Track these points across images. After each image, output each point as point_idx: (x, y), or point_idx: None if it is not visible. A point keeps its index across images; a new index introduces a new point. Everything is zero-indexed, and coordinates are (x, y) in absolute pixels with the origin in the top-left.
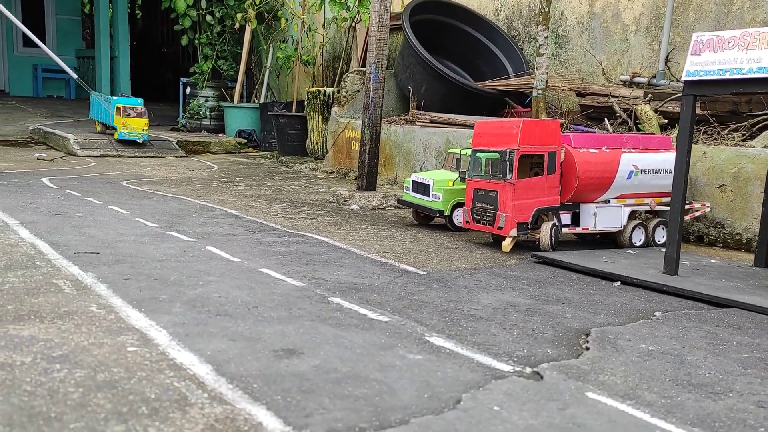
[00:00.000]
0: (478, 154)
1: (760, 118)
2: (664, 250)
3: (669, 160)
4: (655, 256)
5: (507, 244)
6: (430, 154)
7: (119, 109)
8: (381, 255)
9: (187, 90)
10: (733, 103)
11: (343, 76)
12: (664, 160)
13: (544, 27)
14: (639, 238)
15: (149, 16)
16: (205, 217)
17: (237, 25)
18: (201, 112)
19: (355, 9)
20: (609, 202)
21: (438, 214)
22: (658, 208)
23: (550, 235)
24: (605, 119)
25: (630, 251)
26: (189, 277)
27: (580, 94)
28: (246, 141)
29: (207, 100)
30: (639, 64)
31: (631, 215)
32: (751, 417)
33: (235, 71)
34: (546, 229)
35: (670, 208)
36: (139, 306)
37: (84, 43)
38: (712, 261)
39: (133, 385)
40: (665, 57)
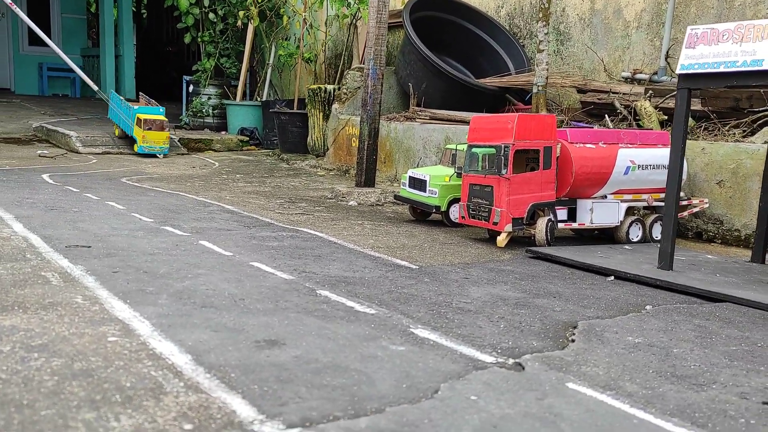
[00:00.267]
0: (474, 150)
1: (761, 114)
2: None
3: (667, 155)
4: (651, 251)
5: (502, 240)
6: (429, 150)
7: (140, 120)
8: (374, 250)
9: (190, 88)
10: (734, 99)
11: (343, 73)
12: (662, 155)
13: (545, 23)
14: (636, 234)
15: (154, 15)
16: (201, 212)
17: (239, 23)
18: (203, 110)
19: (355, 6)
20: (606, 197)
21: (434, 210)
22: (655, 204)
23: (546, 231)
24: (606, 116)
25: (626, 247)
26: (178, 270)
27: (581, 91)
28: (248, 139)
29: (210, 98)
30: (640, 61)
31: (628, 211)
32: (732, 408)
33: (237, 69)
34: (541, 224)
35: (664, 203)
36: (124, 298)
37: (90, 42)
38: (709, 257)
39: (109, 373)
40: (666, 53)
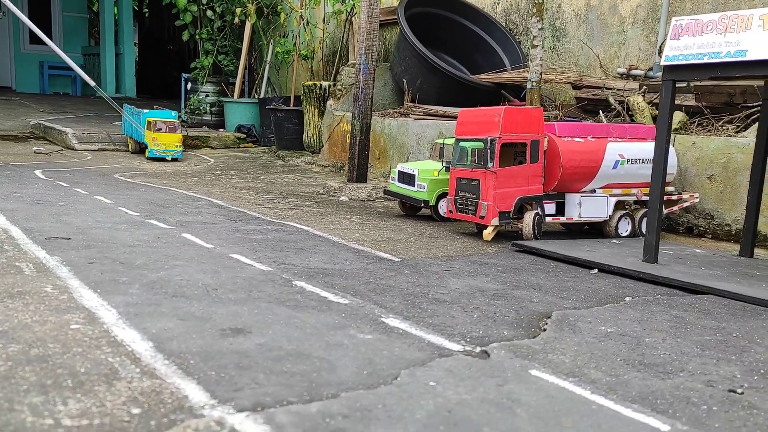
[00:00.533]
0: (462, 143)
1: (754, 110)
2: None
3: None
4: (639, 245)
5: (488, 233)
6: (423, 146)
7: (150, 123)
8: (359, 243)
9: (188, 85)
10: (727, 95)
11: (339, 70)
12: (652, 149)
13: (538, 19)
14: (625, 228)
15: (155, 14)
16: (189, 206)
17: (236, 20)
18: (201, 108)
19: (350, 1)
20: (595, 191)
21: (423, 204)
22: (645, 198)
23: (533, 225)
24: (600, 111)
25: (614, 241)
26: (156, 262)
27: (576, 87)
28: (245, 136)
29: (207, 96)
30: (636, 57)
31: (618, 205)
32: (696, 395)
33: (235, 66)
34: (529, 218)
35: (649, 196)
36: (95, 287)
37: (92, 41)
38: (697, 251)
39: (65, 360)
40: (661, 49)
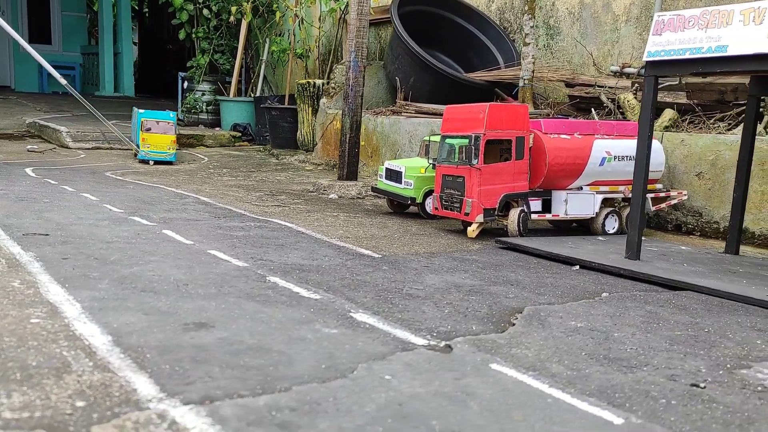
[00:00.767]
0: (447, 140)
1: (745, 107)
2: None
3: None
4: (623, 242)
5: (472, 230)
6: (415, 144)
7: (143, 123)
8: (342, 240)
9: (185, 84)
10: (719, 92)
11: (333, 68)
12: None
13: (530, 16)
14: (612, 225)
15: (155, 14)
16: (175, 204)
17: (232, 19)
18: (197, 106)
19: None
20: (581, 188)
21: (410, 202)
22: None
23: (518, 222)
24: (592, 109)
25: (600, 238)
26: (131, 257)
27: (569, 85)
28: (241, 134)
29: (204, 94)
30: (629, 55)
31: (604, 202)
32: (656, 389)
33: (231, 65)
34: (514, 215)
35: (631, 194)
36: (64, 282)
37: (93, 40)
38: (683, 248)
39: (18, 353)
40: None
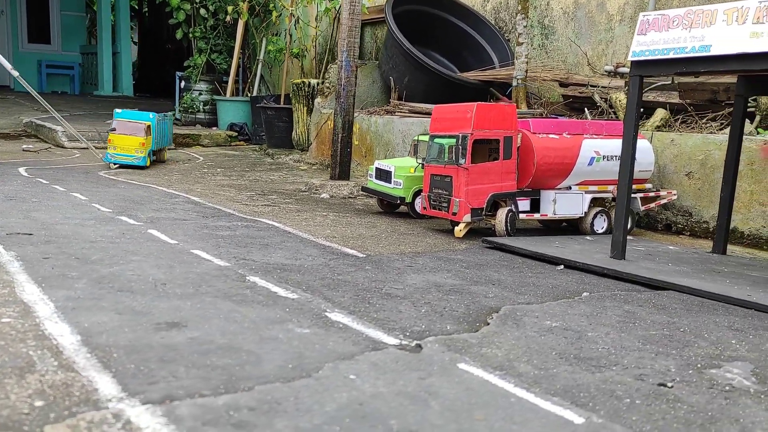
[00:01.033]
0: (436, 140)
1: None
2: (628, 237)
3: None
4: (610, 242)
5: (460, 230)
6: (408, 144)
7: (112, 123)
8: (328, 239)
9: (182, 84)
10: (711, 92)
11: (328, 67)
12: None
13: (524, 16)
14: (601, 225)
15: (154, 14)
16: (164, 203)
17: (228, 18)
18: (194, 106)
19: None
20: (570, 188)
21: (399, 201)
22: None
23: (506, 221)
24: (585, 109)
25: (588, 237)
26: (112, 257)
27: (563, 85)
28: (237, 134)
29: (201, 94)
30: (624, 54)
31: (593, 202)
32: (622, 388)
33: (228, 65)
34: (501, 215)
35: (617, 194)
36: (41, 282)
37: (93, 40)
38: (671, 247)
39: None
40: None
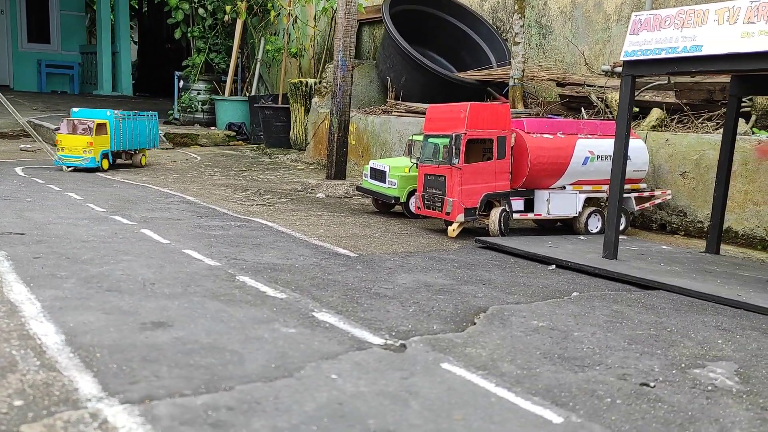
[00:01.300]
0: (430, 140)
1: None
2: (622, 237)
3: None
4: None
5: (453, 230)
6: (405, 143)
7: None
8: (321, 239)
9: (181, 83)
10: (707, 92)
11: (325, 67)
12: None
13: (520, 15)
14: (595, 225)
15: (154, 13)
16: (159, 203)
17: (227, 18)
18: (193, 105)
19: None
20: (564, 188)
21: (394, 201)
22: None
23: (499, 221)
24: (582, 109)
25: (581, 237)
26: (103, 257)
27: (560, 84)
28: (235, 134)
29: (199, 93)
30: (621, 54)
31: (588, 202)
32: (604, 388)
33: (227, 64)
34: (495, 214)
35: (609, 194)
36: (29, 281)
37: (92, 39)
38: (664, 247)
39: None
40: None
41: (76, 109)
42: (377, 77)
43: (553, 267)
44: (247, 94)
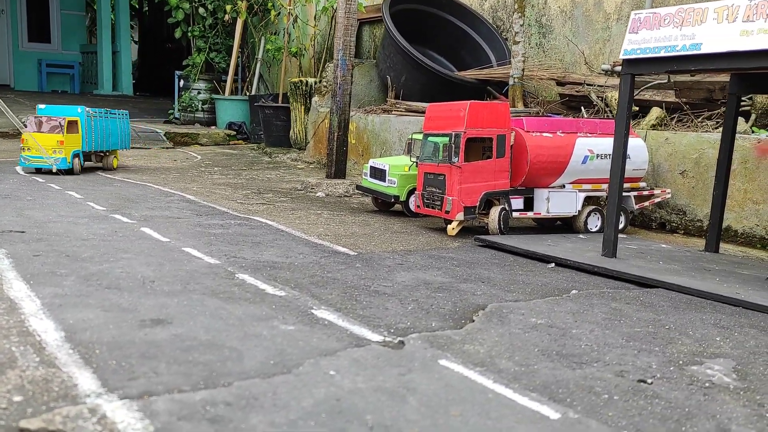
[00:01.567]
0: (429, 138)
1: None
2: (621, 236)
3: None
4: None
5: (452, 228)
6: (405, 142)
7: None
8: (320, 237)
9: (181, 83)
10: (707, 91)
11: (325, 66)
12: None
13: (520, 15)
14: (595, 223)
15: (154, 13)
16: (159, 201)
17: (227, 17)
18: (193, 105)
19: None
20: (564, 187)
21: (393, 200)
22: None
23: (499, 220)
24: (582, 108)
25: (581, 236)
26: (103, 255)
27: (560, 84)
28: (235, 133)
29: (199, 93)
30: (620, 53)
31: (587, 200)
32: (601, 384)
33: (227, 64)
34: (494, 213)
35: (608, 192)
36: (30, 279)
37: (93, 39)
38: (663, 246)
39: None
40: None
41: (42, 106)
42: (377, 76)
43: (553, 265)
44: (248, 94)
